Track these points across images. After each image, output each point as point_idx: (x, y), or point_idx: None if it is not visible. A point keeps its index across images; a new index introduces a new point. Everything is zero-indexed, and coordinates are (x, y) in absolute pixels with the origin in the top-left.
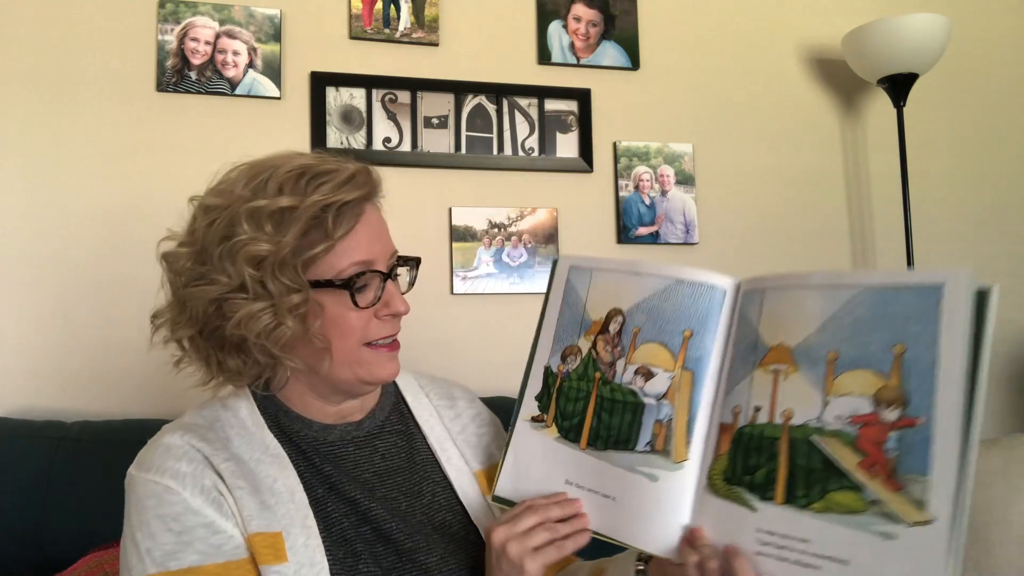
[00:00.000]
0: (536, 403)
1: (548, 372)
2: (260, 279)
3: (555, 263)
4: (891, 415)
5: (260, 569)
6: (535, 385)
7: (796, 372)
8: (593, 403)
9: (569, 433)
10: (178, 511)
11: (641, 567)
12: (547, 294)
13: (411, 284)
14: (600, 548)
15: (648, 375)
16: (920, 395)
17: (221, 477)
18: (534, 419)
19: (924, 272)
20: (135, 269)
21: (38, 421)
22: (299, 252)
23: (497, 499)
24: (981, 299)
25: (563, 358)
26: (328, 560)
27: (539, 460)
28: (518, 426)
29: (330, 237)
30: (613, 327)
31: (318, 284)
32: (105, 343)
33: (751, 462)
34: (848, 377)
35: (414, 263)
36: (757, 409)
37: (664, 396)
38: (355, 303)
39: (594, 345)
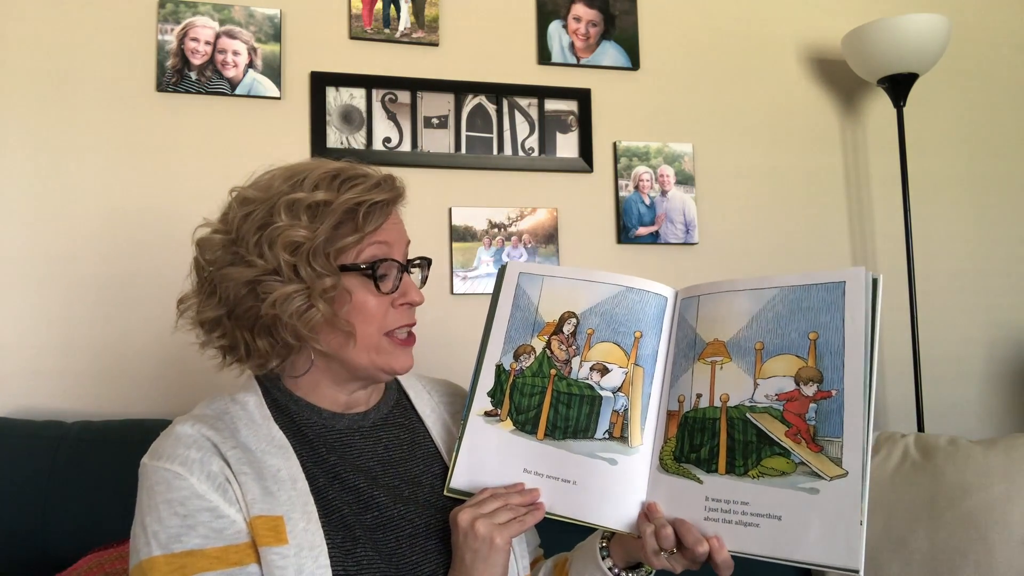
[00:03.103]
0: (489, 398)
1: (500, 369)
2: (294, 264)
3: (503, 268)
4: (810, 390)
5: (260, 550)
6: (487, 381)
7: (730, 361)
8: (549, 397)
9: (525, 425)
10: (185, 495)
11: (604, 544)
12: (495, 297)
13: (423, 282)
14: (562, 533)
15: (604, 371)
16: (832, 371)
17: (228, 463)
18: (487, 413)
19: (829, 272)
20: (136, 268)
21: (38, 421)
22: (332, 241)
23: (453, 491)
24: (875, 287)
25: (516, 356)
26: (327, 544)
27: (494, 452)
28: (471, 420)
29: (360, 230)
30: (567, 328)
31: (345, 268)
32: (106, 343)
33: (696, 441)
34: (773, 362)
35: (426, 263)
36: (699, 396)
37: (620, 389)
38: (378, 288)
39: (548, 345)
